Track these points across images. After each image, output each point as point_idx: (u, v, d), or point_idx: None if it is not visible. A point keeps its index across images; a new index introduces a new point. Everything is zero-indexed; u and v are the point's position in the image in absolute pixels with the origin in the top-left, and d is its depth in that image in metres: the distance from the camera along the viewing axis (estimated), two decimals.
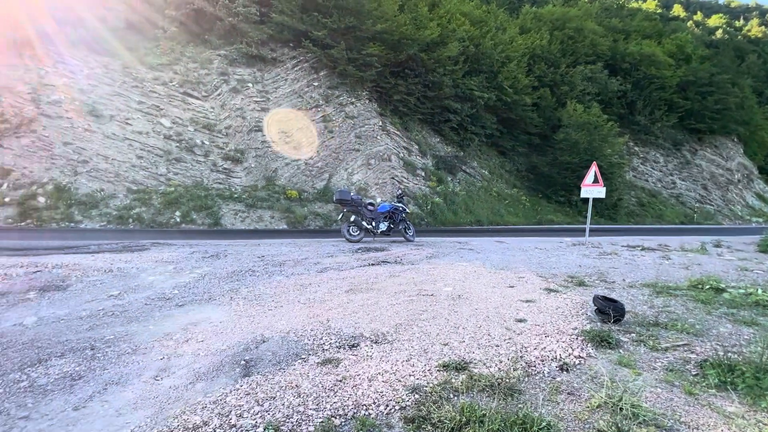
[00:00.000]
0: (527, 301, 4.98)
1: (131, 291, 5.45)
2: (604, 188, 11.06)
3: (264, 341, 3.76)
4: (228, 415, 2.55)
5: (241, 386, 2.92)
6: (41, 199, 13.03)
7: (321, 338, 3.76)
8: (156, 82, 15.86)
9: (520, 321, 4.26)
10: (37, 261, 6.48)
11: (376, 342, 3.64)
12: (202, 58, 16.73)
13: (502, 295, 5.26)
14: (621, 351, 3.61)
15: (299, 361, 3.31)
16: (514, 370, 3.17)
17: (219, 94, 16.25)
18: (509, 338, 3.78)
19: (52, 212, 12.81)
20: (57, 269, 6.09)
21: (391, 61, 18.11)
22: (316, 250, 8.43)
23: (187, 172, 14.72)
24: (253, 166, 15.69)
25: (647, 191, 29.16)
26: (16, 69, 15.49)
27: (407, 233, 10.45)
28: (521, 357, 3.41)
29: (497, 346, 3.62)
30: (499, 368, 3.21)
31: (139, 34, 17.12)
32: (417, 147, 19.44)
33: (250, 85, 16.72)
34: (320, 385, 2.91)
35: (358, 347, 3.55)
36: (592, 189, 10.98)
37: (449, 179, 19.65)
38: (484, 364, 3.27)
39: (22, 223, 12.40)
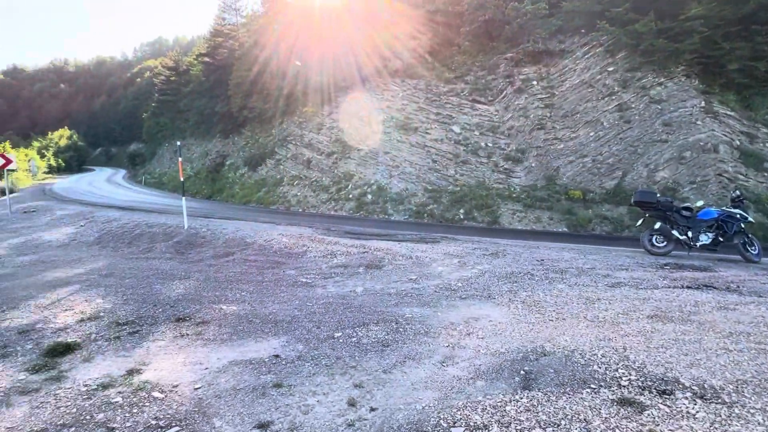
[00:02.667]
0: None
1: (425, 278, 6.29)
2: None
3: (545, 354, 3.48)
4: (508, 427, 2.46)
5: (521, 399, 2.77)
6: (369, 196, 17.11)
7: (615, 369, 3.14)
8: (450, 94, 17.88)
9: None
10: (365, 244, 8.49)
11: (701, 397, 2.71)
12: (489, 65, 17.60)
13: None
14: None
15: (587, 390, 2.86)
16: None
17: (503, 97, 16.68)
18: None
19: (374, 206, 16.59)
20: (377, 252, 7.78)
21: (725, 19, 13.60)
22: (604, 260, 7.31)
23: (471, 173, 15.90)
24: (533, 165, 15.30)
25: None
26: (359, 100, 20.88)
27: (748, 250, 7.55)
28: None
29: None
30: None
31: (439, 55, 19.71)
32: (766, 131, 13.86)
33: (534, 83, 16.34)
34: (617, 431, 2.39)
35: (671, 396, 2.74)
36: None
37: None
38: None
39: (357, 214, 16.64)
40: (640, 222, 8.85)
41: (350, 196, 17.76)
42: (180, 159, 11.44)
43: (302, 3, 28.41)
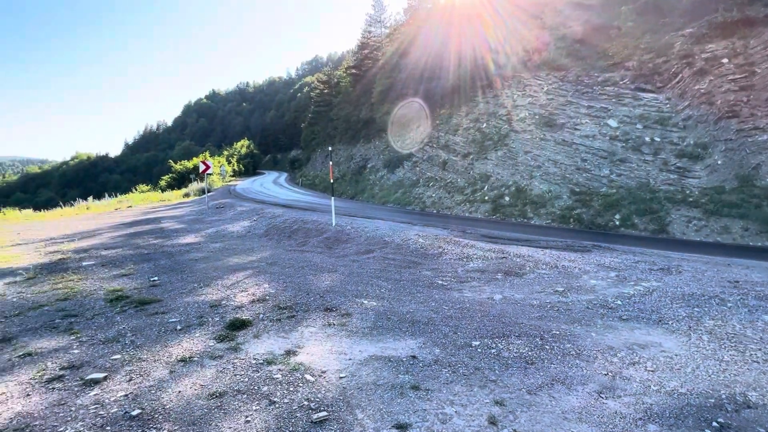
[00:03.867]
0: None
1: (573, 291, 5.61)
2: None
3: (748, 406, 2.71)
4: None
5: None
6: (506, 198, 16.27)
7: None
8: (605, 84, 15.77)
9: None
10: (503, 249, 8.04)
11: None
12: (659, 46, 14.94)
13: None
14: None
15: None
16: None
17: (678, 81, 13.95)
18: None
19: (512, 209, 15.70)
20: (516, 258, 7.28)
21: None
22: None
23: (631, 173, 13.73)
24: (719, 162, 12.40)
25: None
26: (499, 98, 20.04)
27: None
28: None
29: None
30: None
31: (592, 41, 17.57)
32: None
33: (724, 61, 13.23)
34: None
35: None
36: None
37: None
38: None
39: (493, 217, 15.98)
40: None
41: (486, 198, 17.16)
42: (330, 163, 12.66)
43: (443, 5, 28.67)
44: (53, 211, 23.62)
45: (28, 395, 3.10)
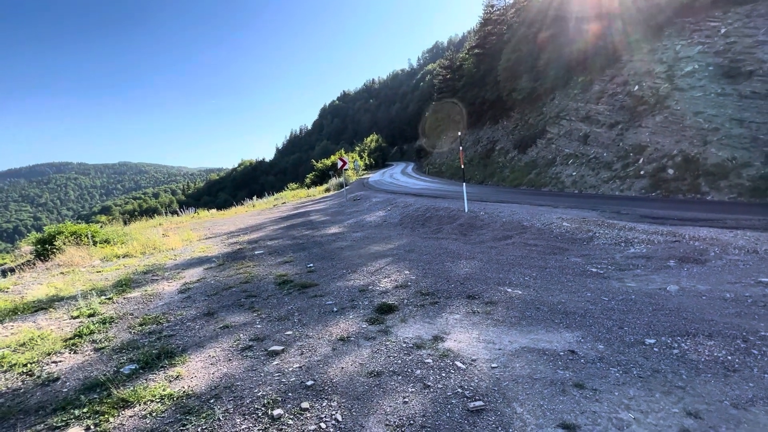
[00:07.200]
0: None
1: None
2: None
3: None
4: None
5: None
6: (670, 171, 13.71)
7: None
8: None
9: None
10: (675, 231, 6.77)
11: None
12: None
13: None
14: None
15: None
16: None
17: None
18: None
19: (678, 183, 13.18)
20: (694, 241, 6.06)
21: None
22: None
23: None
24: None
25: None
26: (654, 53, 16.93)
27: None
28: None
29: None
30: None
31: None
32: None
33: None
34: None
35: None
36: None
37: None
38: None
39: (652, 194, 13.66)
40: None
41: (641, 172, 14.75)
42: (461, 148, 12.43)
43: None
44: (229, 210, 28.68)
45: (230, 360, 3.80)
